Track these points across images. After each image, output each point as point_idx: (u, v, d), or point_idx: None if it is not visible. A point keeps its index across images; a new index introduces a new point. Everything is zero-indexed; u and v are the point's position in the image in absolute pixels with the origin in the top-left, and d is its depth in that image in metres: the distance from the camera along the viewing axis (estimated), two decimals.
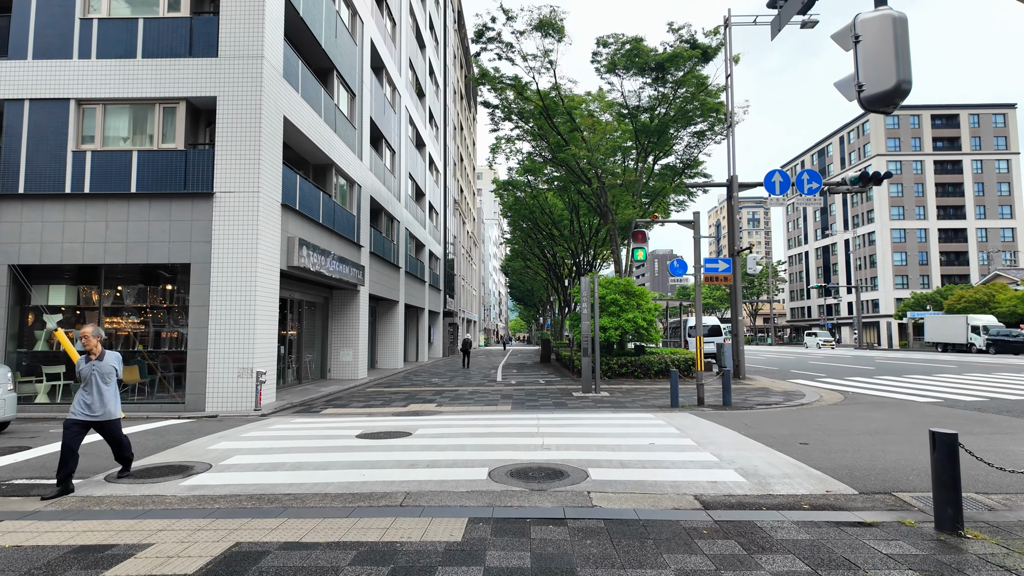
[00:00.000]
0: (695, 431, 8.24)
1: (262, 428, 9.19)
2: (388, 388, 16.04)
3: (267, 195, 12.23)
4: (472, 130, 61.62)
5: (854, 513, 4.67)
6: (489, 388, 15.66)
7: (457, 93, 47.51)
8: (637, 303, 18.35)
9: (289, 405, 12.30)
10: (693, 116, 20.32)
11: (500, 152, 26.13)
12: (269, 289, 12.31)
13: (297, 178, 14.08)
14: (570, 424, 9.01)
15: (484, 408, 11.50)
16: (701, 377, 11.54)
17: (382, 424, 9.35)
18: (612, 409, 11.06)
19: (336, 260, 15.96)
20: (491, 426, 8.91)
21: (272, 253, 12.45)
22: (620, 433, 8.11)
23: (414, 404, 12.33)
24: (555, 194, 31.14)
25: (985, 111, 71.12)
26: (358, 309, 18.83)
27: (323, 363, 18.57)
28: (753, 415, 10.13)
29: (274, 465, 6.45)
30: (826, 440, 7.60)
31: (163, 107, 12.34)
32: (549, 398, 13.10)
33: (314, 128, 15.05)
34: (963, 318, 39.59)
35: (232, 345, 11.62)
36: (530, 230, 35.54)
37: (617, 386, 15.51)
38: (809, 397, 12.70)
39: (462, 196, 49.93)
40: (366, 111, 19.85)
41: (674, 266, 11.81)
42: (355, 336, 18.76)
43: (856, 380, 17.20)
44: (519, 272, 56.62)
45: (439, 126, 36.56)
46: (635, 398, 12.87)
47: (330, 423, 9.66)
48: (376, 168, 21.30)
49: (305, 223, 14.45)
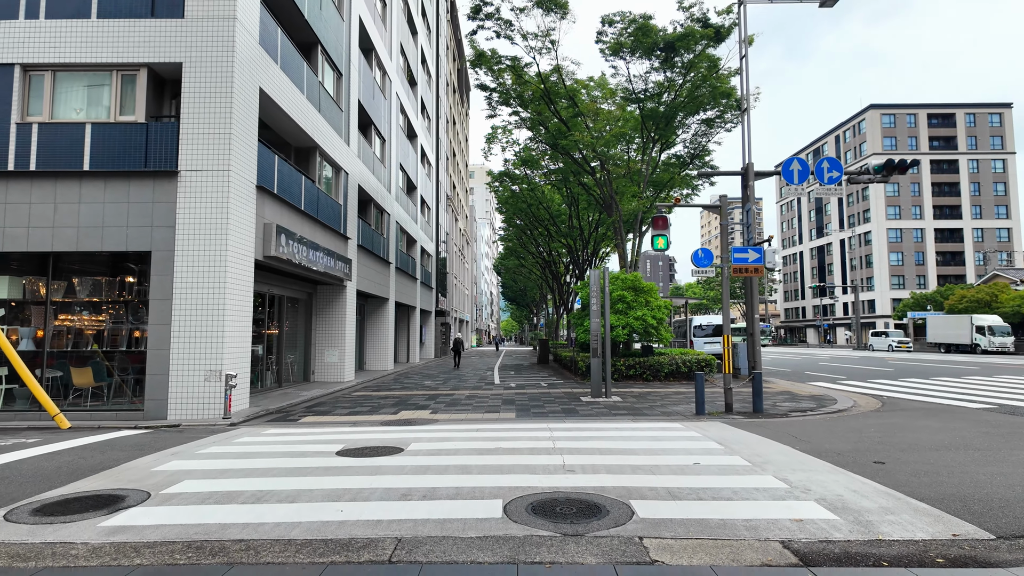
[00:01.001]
0: (740, 446, 6.96)
1: (226, 442, 7.80)
2: (377, 392, 14.66)
3: (240, 175, 10.83)
4: (464, 126, 60.26)
5: (1010, 572, 3.40)
6: (488, 392, 14.33)
7: (450, 86, 46.15)
8: (646, 300, 17.10)
9: (264, 412, 10.90)
10: (703, 101, 19.10)
11: (496, 142, 24.83)
12: (241, 281, 10.91)
13: (275, 159, 12.69)
14: (589, 436, 7.70)
15: (485, 416, 10.16)
16: (729, 381, 10.28)
17: (368, 436, 7.99)
18: (630, 417, 9.76)
19: (320, 252, 14.57)
20: (497, 439, 7.59)
21: (245, 241, 11.05)
22: (652, 449, 6.81)
23: (406, 411, 10.96)
24: (552, 188, 29.87)
25: (981, 110, 70.73)
26: (344, 306, 17.43)
27: (306, 364, 17.15)
28: (794, 424, 8.87)
29: (229, 495, 5.09)
30: (902, 458, 6.34)
31: (121, 74, 10.90)
32: (556, 403, 11.79)
33: (296, 106, 13.65)
34: (967, 318, 38.74)
35: (198, 344, 10.21)
36: (525, 226, 34.23)
37: (627, 389, 14.24)
38: (843, 403, 11.48)
39: (455, 192, 48.57)
40: (354, 93, 18.46)
41: (698, 256, 10.55)
42: (341, 335, 17.35)
43: (881, 383, 16.03)
44: (512, 271, 55.25)
45: (431, 118, 35.18)
46: (651, 403, 11.59)
47: (308, 435, 8.29)
48: (365, 156, 19.91)
49: (284, 209, 13.06)
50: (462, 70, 55.36)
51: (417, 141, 29.95)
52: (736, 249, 10.53)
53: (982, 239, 70.39)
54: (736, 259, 10.46)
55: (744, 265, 10.43)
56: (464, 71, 57.01)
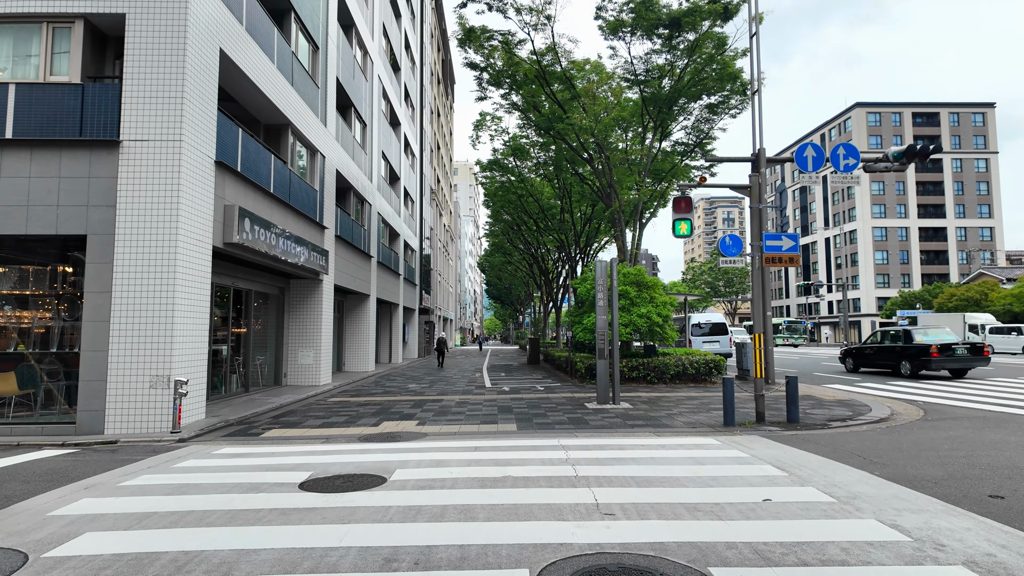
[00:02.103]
0: (805, 471, 5.63)
1: (163, 468, 6.27)
2: (356, 397, 13.14)
3: (194, 147, 9.26)
4: (449, 119, 58.65)
5: None
6: (480, 397, 12.90)
7: (434, 76, 44.54)
8: (650, 296, 15.81)
9: (223, 423, 9.35)
10: (708, 85, 17.85)
11: (485, 129, 23.37)
12: (196, 272, 9.34)
13: (239, 132, 11.11)
14: (614, 458, 6.32)
15: (482, 428, 8.73)
16: (761, 386, 8.98)
17: (343, 458, 6.52)
18: (651, 430, 8.41)
19: (292, 241, 13.01)
20: (501, 461, 6.17)
21: (201, 224, 9.48)
22: (700, 476, 5.45)
23: (388, 422, 9.48)
24: (543, 180, 28.49)
25: (965, 110, 70.95)
26: (320, 302, 15.86)
27: (277, 366, 15.54)
28: (847, 439, 7.59)
29: (136, 563, 3.60)
30: (1020, 489, 5.06)
31: (52, 27, 9.25)
32: (559, 412, 10.40)
33: (265, 76, 12.08)
34: (960, 316, 38.19)
35: (142, 345, 8.64)
36: (513, 221, 32.80)
37: (633, 394, 12.91)
38: (878, 410, 10.26)
39: (439, 186, 46.99)
40: (331, 70, 16.88)
41: (726, 243, 9.23)
42: (317, 334, 15.78)
43: (902, 385, 14.93)
44: (497, 268, 53.76)
45: (415, 106, 33.60)
46: (666, 411, 10.26)
47: (268, 456, 6.79)
48: (344, 139, 18.34)
49: (250, 191, 11.48)
50: (447, 61, 53.74)
51: (400, 130, 28.37)
52: (769, 236, 9.23)
53: (965, 238, 70.67)
54: (768, 247, 9.17)
55: (778, 254, 9.14)
56: (449, 62, 55.39)
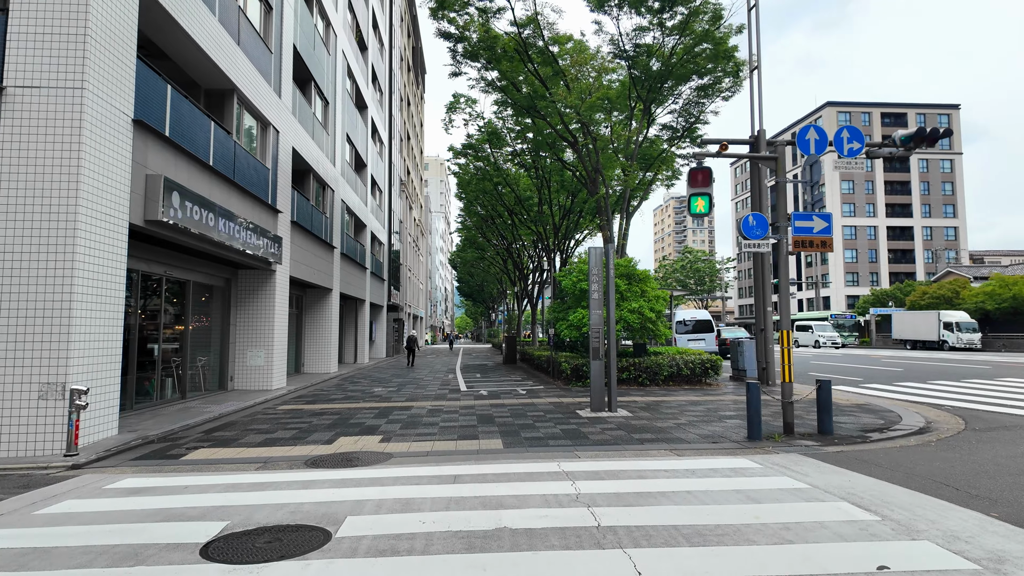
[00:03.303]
0: (901, 513, 4.22)
1: (20, 517, 4.53)
2: (312, 405, 11.40)
3: (103, 99, 7.45)
4: (420, 109, 56.68)
5: None
6: (455, 403, 11.31)
7: (404, 62, 42.60)
8: (641, 290, 14.44)
9: (140, 441, 7.56)
10: (701, 63, 16.55)
11: (459, 111, 21.67)
12: (103, 255, 7.53)
13: (168, 89, 9.28)
14: (637, 491, 4.83)
15: (460, 447, 7.15)
16: (789, 392, 7.62)
17: (277, 497, 4.88)
18: (665, 446, 6.96)
19: (237, 224, 11.21)
20: (491, 501, 4.62)
21: (111, 196, 7.66)
22: (765, 525, 3.99)
23: (346, 438, 7.82)
24: (519, 169, 26.94)
25: (931, 111, 72.01)
26: (273, 296, 14.03)
27: (223, 368, 13.66)
28: (905, 458, 6.26)
29: None
30: None
31: None
32: (549, 421, 8.89)
33: (202, 27, 10.24)
34: (935, 314, 38.12)
35: (26, 344, 6.82)
36: (488, 214, 31.17)
37: (628, 398, 11.50)
38: (910, 418, 9.04)
39: (409, 178, 45.06)
40: (287, 35, 15.04)
41: (748, 224, 7.83)
42: (268, 332, 13.95)
43: (911, 387, 13.89)
44: (470, 264, 52.02)
45: (384, 91, 31.72)
46: (673, 420, 8.85)
47: (178, 493, 5.10)
48: (302, 116, 16.49)
49: (182, 161, 9.65)
50: (417, 49, 51.78)
51: (367, 113, 26.51)
52: (799, 216, 7.88)
53: (931, 237, 71.79)
54: (798, 228, 7.82)
55: (808, 237, 7.80)
56: (420, 51, 53.43)
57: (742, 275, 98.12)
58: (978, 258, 76.97)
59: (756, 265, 15.03)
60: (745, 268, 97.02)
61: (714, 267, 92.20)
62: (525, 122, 20.12)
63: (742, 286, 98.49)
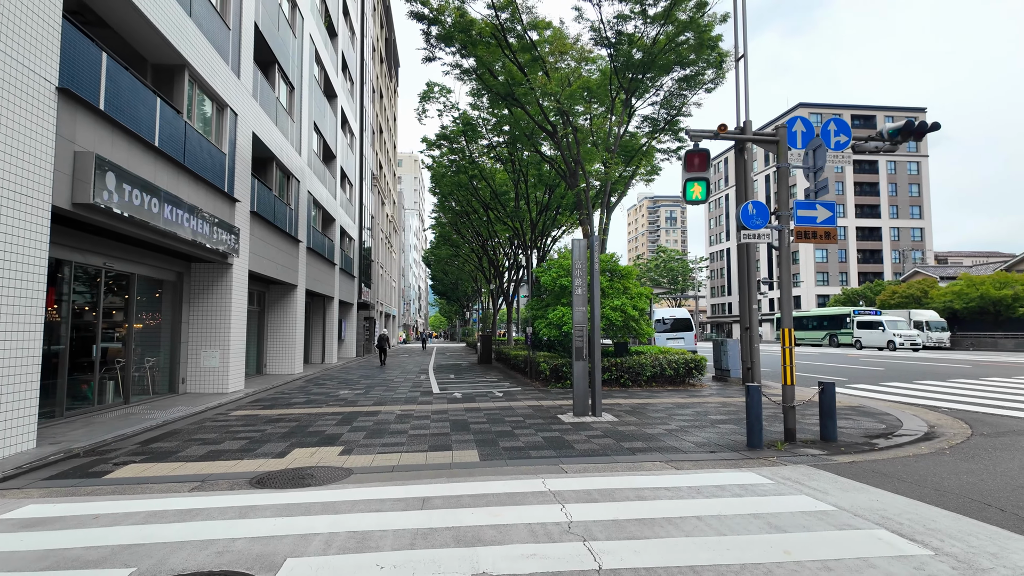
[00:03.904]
0: (953, 543, 3.57)
1: None
2: (269, 410, 10.44)
3: (14, 57, 6.44)
4: (393, 103, 55.43)
5: None
6: (426, 408, 10.48)
7: (376, 52, 41.42)
8: (623, 287, 13.80)
9: (60, 456, 6.57)
10: (684, 53, 15.99)
11: (432, 100, 20.75)
12: (17, 241, 6.51)
13: (103, 57, 8.25)
14: (638, 518, 4.11)
15: (431, 460, 6.34)
16: (791, 396, 7.00)
17: (205, 530, 4.02)
18: (659, 457, 6.27)
19: (186, 211, 10.19)
20: (466, 534, 3.85)
21: (27, 173, 6.65)
22: (801, 564, 3.30)
23: (302, 449, 6.95)
24: (494, 163, 26.13)
25: (899, 113, 73.36)
26: (230, 291, 13.00)
27: (173, 370, 12.58)
28: (926, 469, 5.68)
29: None
30: None
31: None
32: (529, 428, 8.14)
33: None
34: (906, 313, 38.56)
35: None
36: (463, 210, 30.28)
37: (611, 400, 10.82)
38: (911, 423, 8.53)
39: (381, 173, 43.87)
40: (248, 11, 13.99)
41: (748, 213, 7.20)
42: (224, 330, 12.91)
43: (897, 387, 13.53)
44: (444, 262, 50.96)
45: (354, 80, 30.58)
46: (661, 425, 8.19)
47: (84, 526, 4.19)
48: (265, 99, 15.43)
49: (121, 139, 8.63)
50: (390, 41, 50.56)
51: (337, 103, 25.41)
52: (801, 204, 7.28)
53: (898, 238, 73.22)
54: (800, 218, 7.22)
55: (811, 227, 7.20)
56: (393, 42, 52.19)
57: (714, 274, 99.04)
58: (942, 258, 78.94)
59: (741, 261, 14.53)
60: (717, 268, 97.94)
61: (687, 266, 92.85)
62: (502, 113, 19.33)
63: (714, 285, 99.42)
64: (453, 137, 22.62)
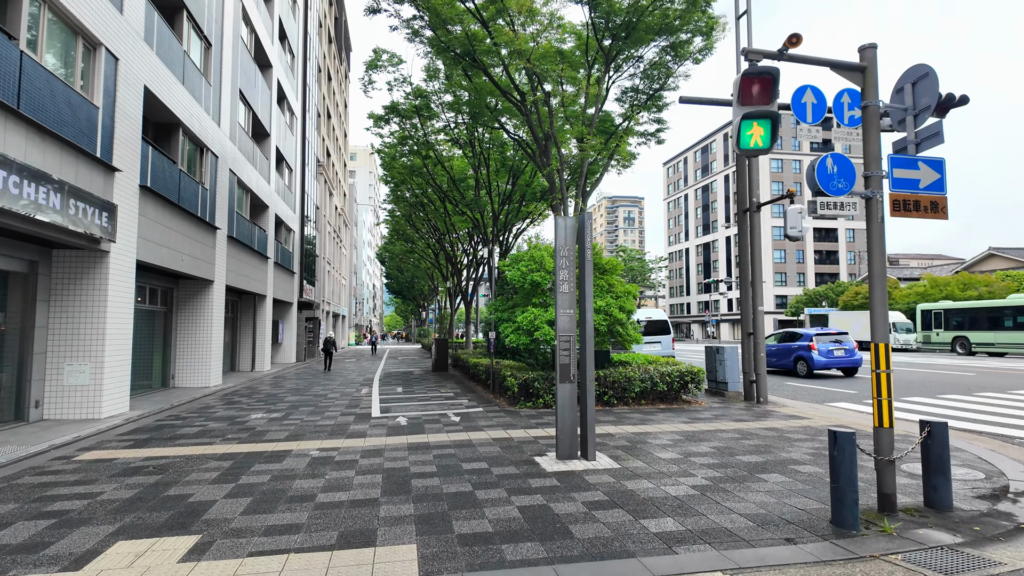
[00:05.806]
0: None
1: None
2: (136, 450, 7.60)
3: None
4: (344, 88, 51.98)
5: None
6: (356, 444, 7.83)
7: (324, 29, 38.12)
8: (608, 284, 11.47)
9: None
10: (672, 17, 13.82)
11: (381, 69, 18.01)
12: None
13: None
14: None
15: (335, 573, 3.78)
16: (890, 443, 4.75)
17: None
18: (714, 556, 3.89)
19: (18, 173, 7.28)
20: None
21: None
22: None
23: (126, 543, 4.23)
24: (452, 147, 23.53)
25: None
26: (105, 286, 10.03)
27: (21, 388, 9.51)
28: None
29: None
30: None
31: None
32: (497, 487, 5.65)
33: None
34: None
35: None
36: (418, 200, 27.54)
37: (597, 427, 8.43)
38: (1011, 468, 6.48)
39: (329, 161, 40.55)
40: None
41: (826, 171, 4.98)
42: (98, 336, 9.93)
43: (924, 402, 11.70)
44: (399, 259, 47.86)
45: (296, 54, 27.43)
46: (686, 478, 5.84)
47: None
48: (166, 49, 12.44)
49: None
50: (341, 20, 47.16)
51: (272, 74, 22.30)
52: (897, 160, 5.05)
53: (854, 239, 74.07)
54: (898, 181, 5.00)
55: (912, 195, 4.99)
56: (344, 23, 48.78)
57: (673, 274, 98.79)
58: (894, 260, 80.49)
59: (743, 251, 12.47)
60: (676, 268, 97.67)
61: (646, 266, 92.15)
62: (460, 83, 16.74)
63: (672, 285, 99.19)
64: (405, 114, 19.89)
